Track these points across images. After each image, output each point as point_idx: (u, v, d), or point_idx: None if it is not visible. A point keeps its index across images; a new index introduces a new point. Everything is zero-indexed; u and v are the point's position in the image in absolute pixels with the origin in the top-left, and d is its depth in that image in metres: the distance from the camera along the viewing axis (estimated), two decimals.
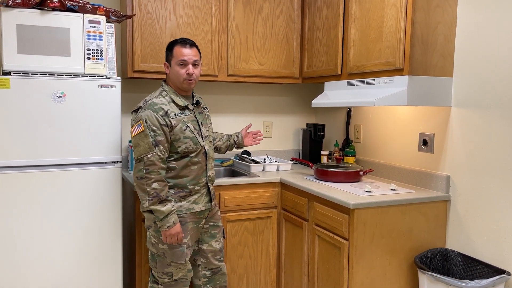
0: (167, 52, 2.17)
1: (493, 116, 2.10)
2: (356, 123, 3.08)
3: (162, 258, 2.14)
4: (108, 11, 2.35)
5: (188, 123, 2.13)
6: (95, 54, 2.30)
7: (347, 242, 2.15)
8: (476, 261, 2.13)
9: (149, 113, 2.04)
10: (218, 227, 2.35)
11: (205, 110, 2.32)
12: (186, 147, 2.11)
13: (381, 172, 2.80)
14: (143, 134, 2.02)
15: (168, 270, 2.15)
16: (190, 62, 2.12)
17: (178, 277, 2.18)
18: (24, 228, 2.21)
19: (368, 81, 2.42)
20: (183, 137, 2.10)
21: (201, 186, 2.21)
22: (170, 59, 2.15)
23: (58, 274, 2.29)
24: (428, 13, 2.19)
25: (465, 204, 2.25)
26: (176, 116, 2.10)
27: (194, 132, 2.14)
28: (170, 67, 2.15)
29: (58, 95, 2.23)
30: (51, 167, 2.24)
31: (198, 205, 2.19)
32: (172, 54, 2.14)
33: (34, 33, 2.17)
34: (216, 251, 2.33)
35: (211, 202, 2.25)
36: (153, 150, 2.01)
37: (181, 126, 2.10)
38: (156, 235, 2.12)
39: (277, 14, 3.02)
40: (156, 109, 2.06)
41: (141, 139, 2.02)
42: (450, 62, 2.28)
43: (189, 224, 2.18)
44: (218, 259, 2.34)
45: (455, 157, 2.30)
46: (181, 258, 2.14)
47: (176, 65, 2.12)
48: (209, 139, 2.25)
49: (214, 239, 2.32)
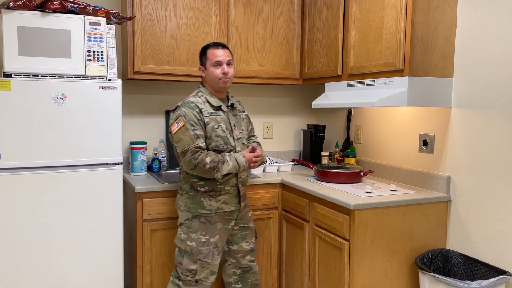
0: (201, 56, 2.29)
1: (493, 117, 2.10)
2: (357, 124, 3.08)
3: (189, 255, 2.22)
4: (109, 12, 2.35)
5: (221, 122, 2.22)
6: (96, 56, 2.31)
7: (348, 243, 2.16)
8: (477, 262, 2.13)
9: (186, 109, 2.16)
10: (249, 228, 2.41)
11: (241, 113, 2.38)
12: (216, 145, 2.19)
13: (382, 173, 2.80)
14: (183, 128, 2.13)
15: (193, 268, 2.22)
16: (224, 62, 2.23)
17: (200, 277, 2.23)
18: (25, 230, 2.21)
19: (369, 82, 2.42)
20: (214, 135, 2.18)
21: (231, 187, 2.26)
22: (204, 62, 2.26)
23: (59, 275, 2.29)
24: (428, 14, 2.19)
25: (466, 205, 2.25)
26: (210, 115, 2.20)
27: (225, 132, 2.22)
28: (205, 70, 2.26)
29: (59, 96, 2.23)
30: (52, 169, 2.24)
31: (228, 205, 2.25)
32: (206, 57, 2.25)
33: (35, 35, 2.17)
34: (247, 251, 2.40)
35: (240, 203, 2.29)
36: (195, 142, 2.12)
37: (213, 124, 2.19)
38: (188, 231, 2.22)
39: (277, 15, 3.03)
40: (192, 107, 2.17)
41: (182, 133, 2.13)
42: (450, 63, 2.28)
43: (218, 224, 2.24)
44: (248, 260, 2.41)
45: (456, 158, 2.30)
46: (207, 257, 2.21)
47: (211, 67, 2.22)
48: (242, 141, 2.30)
49: (244, 240, 2.39)
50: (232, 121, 2.29)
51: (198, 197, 2.23)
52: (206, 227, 2.23)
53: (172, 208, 2.53)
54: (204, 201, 2.22)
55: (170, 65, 2.75)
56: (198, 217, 2.23)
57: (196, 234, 2.22)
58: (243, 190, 2.34)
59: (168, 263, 2.56)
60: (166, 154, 3.02)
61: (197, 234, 2.22)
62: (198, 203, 2.22)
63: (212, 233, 2.23)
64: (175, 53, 2.75)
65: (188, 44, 2.78)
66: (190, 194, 2.25)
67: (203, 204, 2.22)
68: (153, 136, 3.10)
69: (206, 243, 2.21)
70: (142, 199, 2.47)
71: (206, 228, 2.22)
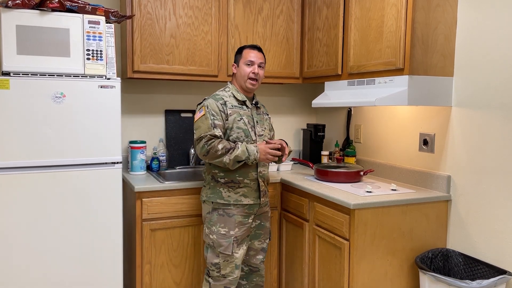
0: (237, 55, 2.37)
1: (494, 116, 2.09)
2: (357, 123, 3.08)
3: (212, 249, 2.29)
4: (108, 11, 2.35)
5: (243, 116, 2.29)
6: (95, 55, 2.30)
7: (348, 243, 2.15)
8: (477, 261, 2.13)
9: (211, 100, 2.26)
10: (265, 227, 2.44)
11: (264, 114, 2.45)
12: (237, 137, 2.25)
13: (382, 172, 2.79)
14: (203, 117, 2.22)
15: (217, 261, 2.28)
16: (256, 63, 2.32)
17: (226, 272, 2.28)
18: (24, 229, 2.20)
19: (369, 81, 2.41)
20: (236, 126, 2.25)
21: (251, 180, 2.29)
22: (238, 60, 2.35)
23: (58, 274, 2.29)
24: (429, 12, 2.18)
25: (466, 204, 2.24)
26: (233, 108, 2.28)
27: (247, 125, 2.29)
28: (238, 67, 2.34)
29: (58, 95, 2.22)
30: (51, 168, 2.24)
31: (247, 198, 2.28)
32: (241, 55, 2.34)
33: (33, 34, 2.16)
34: (258, 250, 2.44)
35: (260, 198, 2.32)
36: (212, 130, 2.19)
37: (235, 116, 2.26)
38: (209, 225, 2.29)
39: (277, 14, 3.02)
40: (217, 98, 2.28)
41: (202, 121, 2.22)
42: (450, 62, 2.28)
43: (237, 217, 2.27)
44: (258, 259, 2.44)
45: (456, 157, 2.30)
46: (227, 249, 2.25)
47: (243, 65, 2.31)
48: (263, 138, 2.35)
49: (258, 239, 2.43)
50: (255, 117, 2.34)
51: (218, 187, 2.28)
52: (224, 219, 2.26)
53: (172, 208, 2.53)
54: (223, 192, 2.27)
55: (170, 64, 2.74)
56: (216, 210, 2.28)
57: (216, 227, 2.27)
58: (264, 186, 2.36)
59: (168, 263, 2.56)
60: (166, 154, 3.01)
61: (216, 226, 2.27)
62: (217, 193, 2.27)
63: (231, 226, 2.26)
64: (174, 52, 2.75)
65: (188, 43, 2.78)
66: (211, 184, 2.30)
67: (222, 194, 2.26)
68: (153, 136, 3.09)
69: (225, 235, 2.25)
70: (142, 199, 2.46)
71: (224, 220, 2.26)
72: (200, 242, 2.63)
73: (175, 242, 2.57)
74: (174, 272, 2.58)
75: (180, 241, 2.58)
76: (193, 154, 3.09)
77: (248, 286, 2.48)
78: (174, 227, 2.55)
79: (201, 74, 2.83)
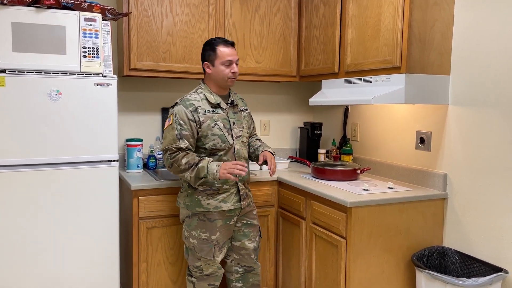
0: (209, 52, 2.20)
1: (490, 114, 2.10)
2: (354, 122, 3.08)
3: (193, 252, 2.26)
4: (104, 9, 2.33)
5: (218, 121, 2.19)
6: (91, 52, 2.29)
7: (345, 241, 2.15)
8: (473, 259, 2.13)
9: (180, 108, 2.16)
10: (253, 226, 2.38)
11: (242, 111, 2.34)
12: (213, 144, 2.18)
13: (379, 170, 2.80)
14: (170, 127, 2.15)
15: (198, 265, 2.26)
16: (234, 61, 2.21)
17: (209, 272, 2.27)
18: (20, 227, 2.19)
19: (366, 79, 2.41)
20: (210, 134, 2.17)
21: (230, 185, 2.24)
22: (213, 59, 2.19)
23: (54, 273, 2.28)
24: (426, 10, 2.18)
25: (462, 202, 2.25)
26: (206, 113, 2.17)
27: (223, 130, 2.20)
28: (213, 67, 2.20)
29: (54, 93, 2.21)
30: (47, 166, 2.23)
31: (227, 204, 2.22)
32: (216, 54, 2.18)
33: (29, 31, 2.15)
34: (250, 250, 2.37)
35: (240, 202, 2.26)
36: (177, 143, 2.12)
37: (209, 123, 2.17)
38: (188, 229, 2.24)
39: (274, 12, 3.01)
40: (187, 105, 2.16)
41: (168, 131, 2.15)
42: (447, 60, 2.28)
43: (218, 221, 2.23)
44: (252, 259, 2.39)
45: (452, 155, 2.30)
46: (209, 254, 2.22)
47: (221, 65, 2.18)
48: (241, 139, 2.27)
49: (247, 238, 2.36)
50: (231, 118, 2.25)
51: (196, 195, 2.22)
52: (205, 224, 2.22)
53: (168, 206, 2.52)
54: (201, 200, 2.21)
55: (166, 62, 2.73)
56: (197, 215, 2.23)
57: (196, 232, 2.23)
58: (244, 189, 2.30)
59: (164, 261, 2.55)
60: None
61: (197, 231, 2.22)
62: (196, 202, 2.22)
63: (212, 231, 2.22)
64: (171, 49, 2.74)
65: (185, 41, 2.77)
66: (189, 192, 2.25)
67: (201, 202, 2.21)
68: (149, 133, 3.09)
69: (207, 240, 2.22)
70: (138, 197, 2.46)
71: (205, 225, 2.22)
72: None
73: (171, 240, 2.56)
74: (171, 270, 2.58)
75: (176, 239, 2.58)
76: None
77: (245, 287, 2.44)
78: (171, 225, 2.54)
79: (198, 72, 2.82)
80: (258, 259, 2.44)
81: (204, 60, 2.24)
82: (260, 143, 2.50)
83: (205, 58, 2.24)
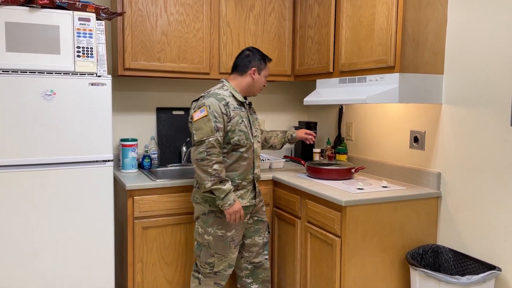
0: (260, 61, 2.34)
1: (483, 113, 2.11)
2: (348, 121, 3.09)
3: (207, 249, 2.27)
4: (98, 8, 2.33)
5: (244, 118, 2.27)
6: (85, 52, 2.28)
7: (339, 240, 2.16)
8: (467, 257, 2.15)
9: (213, 100, 2.18)
10: (263, 222, 2.44)
11: (254, 113, 2.44)
12: (238, 140, 2.22)
13: (373, 169, 2.81)
14: (206, 118, 2.14)
15: (211, 261, 2.28)
16: None
17: (218, 269, 2.29)
18: (14, 228, 2.18)
19: (360, 79, 2.42)
20: (238, 129, 2.23)
21: (248, 182, 2.31)
22: (261, 69, 2.35)
23: (49, 273, 2.27)
24: (419, 10, 2.20)
25: (456, 201, 2.27)
26: (235, 109, 2.24)
27: (247, 128, 2.28)
28: (258, 75, 2.34)
29: (48, 93, 2.20)
30: (42, 166, 2.22)
31: (244, 200, 2.28)
32: (265, 66, 2.36)
33: (23, 31, 2.14)
34: (259, 245, 2.43)
35: (255, 199, 2.34)
36: (214, 134, 2.13)
37: (238, 119, 2.23)
38: (204, 226, 2.26)
39: (268, 12, 3.02)
40: (219, 99, 2.20)
41: (204, 123, 2.14)
42: (440, 60, 2.29)
43: None
44: (261, 253, 2.44)
45: (446, 154, 2.32)
46: (224, 250, 2.26)
47: (263, 77, 2.37)
48: (257, 139, 2.37)
49: (257, 234, 2.42)
50: (251, 118, 2.35)
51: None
52: (222, 221, 2.25)
53: (163, 206, 2.52)
54: None
55: (161, 62, 2.73)
56: (214, 212, 2.25)
57: (212, 228, 2.25)
58: (257, 186, 2.39)
59: (160, 260, 2.55)
60: (157, 151, 3.00)
61: (213, 228, 2.25)
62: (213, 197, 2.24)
63: (228, 228, 2.25)
64: (166, 49, 2.74)
65: (179, 41, 2.76)
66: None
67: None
68: (144, 133, 3.08)
69: (222, 237, 2.25)
70: (133, 197, 2.45)
71: (222, 222, 2.25)
72: (193, 240, 2.63)
73: (167, 240, 2.56)
74: (166, 270, 2.58)
75: (172, 239, 2.58)
76: (185, 152, 3.08)
77: (255, 283, 2.47)
78: (166, 225, 2.54)
79: (192, 72, 2.82)
80: (267, 254, 2.48)
81: (251, 66, 2.31)
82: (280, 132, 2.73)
83: (253, 64, 2.32)
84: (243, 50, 2.37)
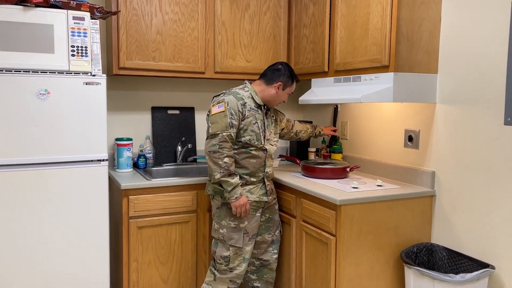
0: (287, 78, 2.41)
1: (477, 112, 2.13)
2: (343, 120, 3.10)
3: (222, 243, 2.35)
4: (93, 7, 2.32)
5: (258, 120, 2.36)
6: (80, 51, 2.27)
7: (334, 238, 2.17)
8: (461, 255, 2.16)
9: (232, 98, 2.30)
10: (273, 220, 2.52)
11: (271, 117, 2.50)
12: (249, 139, 2.32)
13: (368, 168, 2.82)
14: (223, 114, 2.25)
15: (226, 254, 2.34)
16: None
17: (234, 265, 2.34)
18: (9, 227, 2.17)
19: (355, 78, 2.43)
20: (250, 129, 2.33)
21: (258, 180, 2.40)
22: (286, 86, 2.42)
23: (44, 273, 2.26)
24: (413, 10, 2.20)
25: (450, 199, 2.28)
26: (251, 110, 2.34)
27: (260, 130, 2.36)
28: (281, 91, 2.42)
29: (42, 92, 2.20)
30: (36, 166, 2.21)
31: (253, 195, 2.37)
32: (291, 85, 2.44)
33: (17, 30, 2.13)
34: (268, 242, 2.51)
35: (267, 196, 2.42)
36: (228, 130, 2.24)
37: (252, 119, 2.33)
38: (218, 220, 2.36)
39: (263, 11, 3.02)
40: (238, 97, 2.32)
41: (220, 118, 2.25)
42: (435, 59, 2.30)
43: None
44: (269, 251, 2.51)
45: (440, 153, 2.33)
46: (238, 242, 2.32)
47: (286, 94, 2.46)
48: (270, 142, 2.44)
49: (267, 232, 2.51)
50: (266, 122, 2.42)
51: None
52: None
53: (158, 205, 2.52)
54: None
55: (156, 61, 2.73)
56: (226, 204, 2.33)
57: (225, 221, 2.32)
58: (270, 184, 2.46)
59: (155, 260, 2.55)
60: (152, 151, 2.99)
61: (226, 220, 2.32)
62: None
63: (240, 219, 2.32)
64: (161, 48, 2.73)
65: (174, 40, 2.76)
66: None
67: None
68: (139, 133, 3.07)
69: (236, 228, 2.32)
70: (128, 196, 2.45)
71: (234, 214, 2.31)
72: (188, 239, 2.63)
73: (162, 239, 2.56)
74: (162, 269, 2.58)
75: (167, 239, 2.57)
76: (180, 151, 3.08)
77: (259, 281, 2.53)
78: (161, 224, 2.54)
79: (187, 71, 2.82)
80: (276, 254, 2.53)
81: (278, 80, 2.39)
82: (311, 127, 2.82)
83: (281, 79, 2.40)
84: (277, 62, 2.46)
